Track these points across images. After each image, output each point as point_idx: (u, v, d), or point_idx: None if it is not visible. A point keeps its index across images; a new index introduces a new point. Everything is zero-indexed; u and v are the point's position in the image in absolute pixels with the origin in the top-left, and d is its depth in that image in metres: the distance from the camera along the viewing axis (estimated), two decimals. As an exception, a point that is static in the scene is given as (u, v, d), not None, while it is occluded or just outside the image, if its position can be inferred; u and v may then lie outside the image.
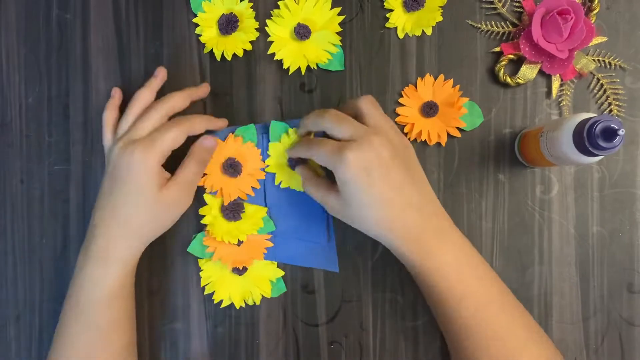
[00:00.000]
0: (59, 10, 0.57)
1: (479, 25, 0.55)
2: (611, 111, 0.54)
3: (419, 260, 0.47)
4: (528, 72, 0.54)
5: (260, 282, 0.55)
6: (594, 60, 0.54)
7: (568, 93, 0.54)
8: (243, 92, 0.56)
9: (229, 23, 0.54)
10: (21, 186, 0.57)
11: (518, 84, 0.54)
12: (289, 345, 0.56)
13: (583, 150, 0.42)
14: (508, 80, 0.54)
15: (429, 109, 0.54)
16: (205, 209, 0.54)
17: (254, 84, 0.56)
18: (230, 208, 0.54)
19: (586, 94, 0.54)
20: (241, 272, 0.55)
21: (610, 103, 0.54)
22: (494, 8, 0.55)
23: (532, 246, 0.54)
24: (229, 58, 0.55)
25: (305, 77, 0.56)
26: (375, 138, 0.45)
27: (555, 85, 0.54)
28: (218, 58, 0.56)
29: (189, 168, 0.50)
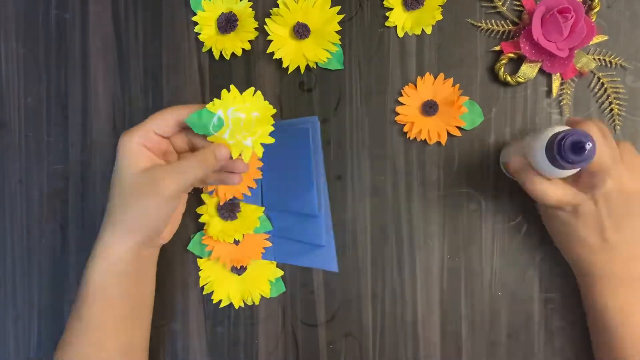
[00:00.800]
0: (58, 10, 0.57)
1: (479, 24, 0.54)
2: (612, 110, 0.54)
3: (595, 296, 0.48)
4: (528, 71, 0.53)
5: (259, 282, 0.55)
6: (595, 59, 0.54)
7: (568, 92, 0.54)
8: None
9: (228, 22, 0.54)
10: (20, 186, 0.57)
11: (518, 83, 0.54)
12: (288, 345, 0.56)
13: (556, 164, 0.42)
14: (508, 79, 0.54)
15: (429, 108, 0.53)
16: (202, 208, 0.54)
17: (253, 83, 0.56)
18: (226, 207, 0.54)
19: (587, 93, 0.54)
20: (240, 272, 0.54)
21: (610, 102, 0.54)
22: (494, 7, 0.54)
23: (532, 246, 0.54)
24: (228, 57, 0.55)
25: (304, 76, 0.56)
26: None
27: (555, 84, 0.54)
28: (217, 57, 0.55)
29: (191, 166, 0.44)
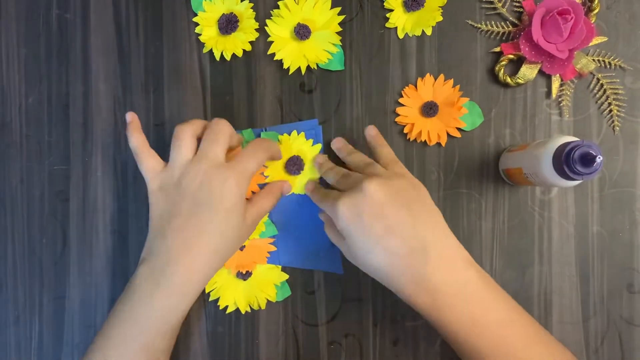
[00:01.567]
0: (59, 10, 0.57)
1: (479, 25, 0.55)
2: (611, 111, 0.54)
3: (433, 313, 0.44)
4: (528, 72, 0.54)
5: (264, 287, 0.55)
6: (594, 60, 0.54)
7: (568, 93, 0.54)
8: (243, 92, 0.56)
9: (229, 23, 0.54)
10: (21, 186, 0.57)
11: (518, 84, 0.54)
12: (289, 345, 0.56)
13: (562, 174, 0.42)
14: (508, 80, 0.54)
15: (429, 109, 0.54)
16: None
17: (254, 84, 0.56)
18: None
19: (586, 94, 0.54)
20: (245, 277, 0.54)
21: (610, 103, 0.54)
22: (494, 8, 0.55)
23: (532, 246, 0.54)
24: (228, 58, 0.55)
25: (305, 77, 0.56)
26: (368, 184, 0.44)
27: (555, 85, 0.54)
28: (217, 58, 0.56)
29: (268, 200, 0.50)
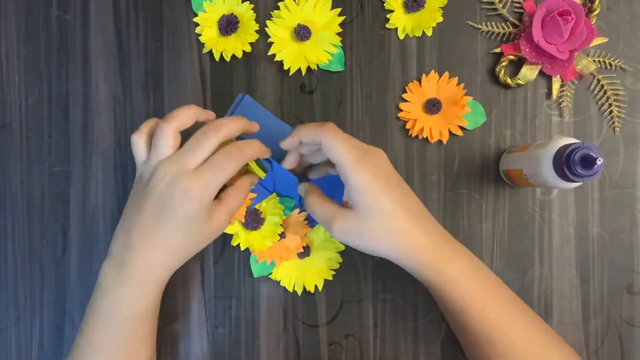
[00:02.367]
0: (59, 11, 0.57)
1: (480, 26, 0.55)
2: (611, 112, 0.54)
3: (436, 270, 0.46)
4: (528, 73, 0.54)
5: (323, 263, 0.55)
6: (595, 61, 0.54)
7: (568, 94, 0.54)
8: (243, 93, 0.56)
9: (229, 24, 0.54)
10: (21, 187, 0.57)
11: (518, 85, 0.54)
12: (289, 345, 0.56)
13: (563, 176, 0.43)
14: (508, 81, 0.54)
15: (432, 106, 0.54)
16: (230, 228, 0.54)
17: (255, 85, 0.56)
18: (250, 217, 0.53)
19: (586, 95, 0.54)
20: (303, 255, 0.54)
21: (610, 104, 0.54)
22: (495, 9, 0.55)
23: (533, 247, 0.54)
24: (228, 59, 0.55)
25: (305, 78, 0.56)
26: (380, 151, 0.46)
27: (555, 86, 0.54)
28: (217, 58, 0.56)
29: (237, 199, 0.49)
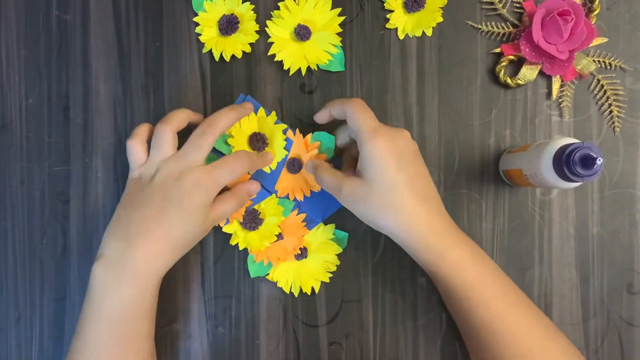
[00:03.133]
0: (59, 11, 0.57)
1: (480, 26, 0.55)
2: (611, 112, 0.54)
3: (437, 254, 0.46)
4: (528, 73, 0.54)
5: (320, 265, 0.55)
6: (595, 61, 0.54)
7: (568, 94, 0.54)
8: (243, 93, 0.56)
9: (230, 24, 0.54)
10: (21, 187, 0.57)
11: (518, 85, 0.54)
12: (289, 345, 0.56)
13: (562, 176, 0.43)
14: (508, 81, 0.54)
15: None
16: (228, 227, 0.54)
17: (255, 85, 0.56)
18: (248, 217, 0.53)
19: (586, 95, 0.54)
20: (301, 257, 0.54)
21: (610, 104, 0.54)
22: (495, 9, 0.55)
23: (532, 247, 0.54)
24: (228, 59, 0.55)
25: (305, 78, 0.56)
26: (404, 131, 0.48)
27: (555, 86, 0.54)
28: (217, 58, 0.55)
29: (230, 205, 0.50)
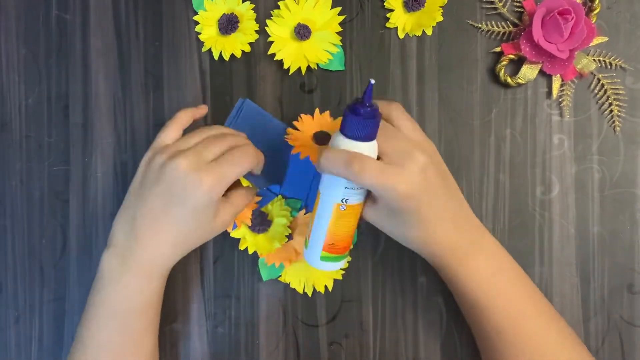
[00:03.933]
0: (59, 11, 0.57)
1: (480, 25, 0.55)
2: (612, 111, 0.54)
3: (453, 266, 0.48)
4: (529, 72, 0.53)
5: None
6: (595, 60, 0.54)
7: (568, 93, 0.54)
8: (243, 92, 0.56)
9: (229, 23, 0.54)
10: (21, 186, 0.57)
11: (518, 84, 0.54)
12: (289, 345, 0.56)
13: (347, 131, 0.43)
14: (508, 80, 0.54)
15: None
16: (236, 232, 0.54)
17: (254, 84, 0.56)
18: (256, 219, 0.53)
19: (587, 94, 0.54)
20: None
21: (610, 103, 0.54)
22: (495, 8, 0.54)
23: (533, 247, 0.54)
24: (227, 58, 0.55)
25: (305, 77, 0.56)
26: (420, 157, 0.44)
27: (555, 85, 0.54)
28: (216, 57, 0.55)
29: (243, 200, 0.50)
